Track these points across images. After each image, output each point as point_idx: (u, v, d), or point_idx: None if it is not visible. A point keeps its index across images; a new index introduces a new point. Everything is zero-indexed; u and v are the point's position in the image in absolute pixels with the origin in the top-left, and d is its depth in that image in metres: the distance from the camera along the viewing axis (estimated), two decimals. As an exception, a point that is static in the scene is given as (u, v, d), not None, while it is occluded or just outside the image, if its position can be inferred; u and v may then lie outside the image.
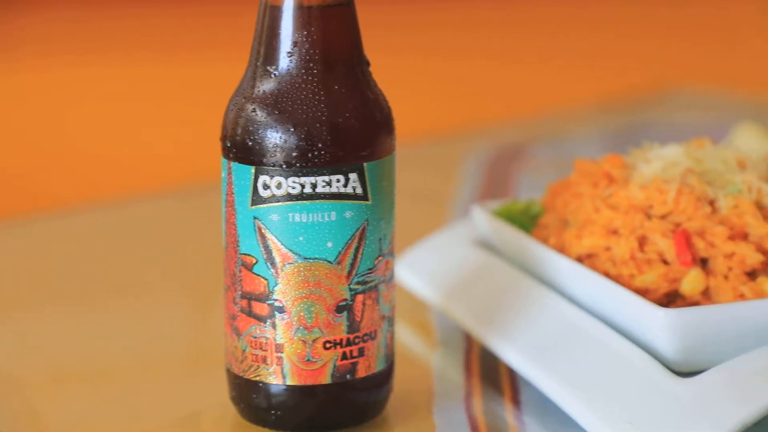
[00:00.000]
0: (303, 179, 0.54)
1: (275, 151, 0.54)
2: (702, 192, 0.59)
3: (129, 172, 1.31)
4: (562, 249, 0.62)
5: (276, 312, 0.55)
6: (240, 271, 0.55)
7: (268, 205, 0.54)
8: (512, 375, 0.62)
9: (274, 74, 0.54)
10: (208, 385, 0.61)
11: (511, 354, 0.60)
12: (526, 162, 1.02)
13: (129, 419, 0.59)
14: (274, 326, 0.55)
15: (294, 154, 0.54)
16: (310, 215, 0.54)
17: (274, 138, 0.54)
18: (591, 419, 0.54)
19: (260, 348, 0.55)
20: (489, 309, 0.63)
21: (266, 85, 0.54)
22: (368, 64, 0.56)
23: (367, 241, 0.55)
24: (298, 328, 0.55)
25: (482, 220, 0.68)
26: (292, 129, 0.54)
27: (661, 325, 0.56)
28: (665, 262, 0.59)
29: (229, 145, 0.55)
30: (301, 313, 0.55)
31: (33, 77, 1.74)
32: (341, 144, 0.54)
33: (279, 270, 0.54)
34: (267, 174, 0.54)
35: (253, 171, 0.54)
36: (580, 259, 0.61)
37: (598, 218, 0.61)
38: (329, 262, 0.54)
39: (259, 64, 0.55)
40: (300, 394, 0.55)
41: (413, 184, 0.93)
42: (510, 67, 1.75)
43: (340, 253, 0.54)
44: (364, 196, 0.55)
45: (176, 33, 1.99)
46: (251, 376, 0.56)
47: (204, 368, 0.64)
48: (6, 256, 0.84)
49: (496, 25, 2.05)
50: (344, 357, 0.55)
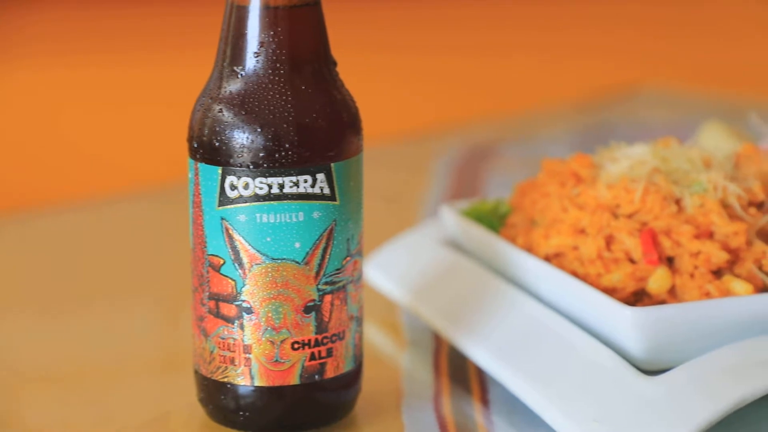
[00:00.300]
0: (270, 180, 0.54)
1: (242, 151, 0.54)
2: (668, 191, 0.59)
3: (94, 174, 1.31)
4: (529, 248, 0.62)
5: (244, 313, 0.55)
6: (207, 272, 0.55)
7: (235, 205, 0.54)
8: (481, 374, 0.62)
9: (241, 75, 0.54)
10: (177, 386, 0.61)
11: (479, 353, 0.60)
12: (496, 161, 1.02)
13: (97, 421, 0.59)
14: (242, 327, 0.55)
15: (261, 154, 0.53)
16: (278, 216, 0.54)
17: (241, 138, 0.54)
18: (558, 417, 0.54)
19: (228, 349, 0.55)
20: (457, 309, 0.64)
21: (233, 86, 0.54)
22: (335, 64, 0.56)
23: (335, 242, 0.55)
24: (266, 329, 0.55)
25: (451, 219, 0.69)
26: (258, 129, 0.53)
27: (628, 324, 0.56)
28: (632, 261, 0.59)
29: (195, 145, 0.55)
30: (269, 314, 0.54)
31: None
32: (308, 144, 0.54)
33: (247, 271, 0.54)
34: (234, 174, 0.54)
35: (220, 172, 0.54)
36: (547, 259, 0.61)
37: (566, 217, 0.61)
38: (297, 262, 0.54)
39: (225, 64, 0.55)
40: (268, 395, 0.55)
41: (383, 184, 0.93)
42: (479, 67, 1.76)
43: (307, 253, 0.54)
44: (331, 197, 0.55)
45: (140, 34, 1.98)
46: (219, 377, 0.56)
47: (172, 370, 0.64)
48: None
49: (466, 24, 2.06)
50: (312, 357, 0.55)
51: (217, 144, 0.54)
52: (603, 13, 2.08)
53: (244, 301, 0.55)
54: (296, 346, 0.55)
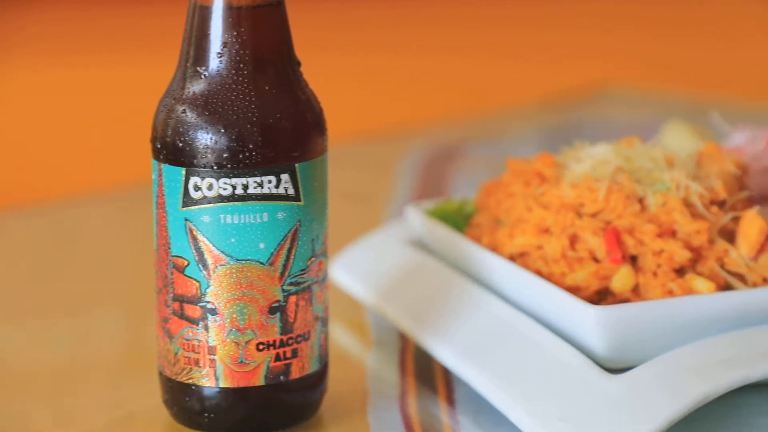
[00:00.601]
0: (234, 180, 0.53)
1: (206, 152, 0.53)
2: (631, 190, 0.60)
3: (57, 176, 1.30)
4: (494, 248, 0.62)
5: (208, 314, 0.54)
6: (171, 274, 0.55)
7: (199, 206, 0.54)
8: (446, 374, 0.62)
9: (204, 75, 0.54)
10: (141, 388, 0.60)
11: (445, 353, 0.60)
12: (462, 161, 1.02)
13: (61, 422, 0.59)
14: (206, 328, 0.55)
15: (225, 155, 0.53)
16: (242, 216, 0.54)
17: (205, 139, 0.53)
18: (523, 417, 0.55)
19: (193, 350, 0.55)
20: (423, 308, 0.64)
21: (196, 86, 0.54)
22: (299, 64, 0.56)
23: (300, 242, 0.55)
24: (231, 330, 0.54)
25: (416, 219, 0.69)
26: (222, 130, 0.53)
27: (592, 323, 0.56)
28: (596, 260, 0.59)
29: (159, 146, 0.55)
30: (234, 315, 0.54)
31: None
32: (272, 145, 0.54)
33: (211, 272, 0.54)
34: (198, 175, 0.54)
35: (183, 172, 0.54)
36: (512, 258, 0.62)
37: (530, 217, 0.61)
38: (261, 263, 0.54)
39: (188, 65, 0.54)
40: (233, 396, 0.55)
41: (349, 185, 0.93)
42: (445, 66, 1.76)
43: (272, 254, 0.54)
44: (296, 197, 0.55)
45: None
46: (184, 378, 0.55)
47: (136, 371, 0.63)
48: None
49: (432, 24, 2.06)
50: (278, 358, 0.55)
51: (180, 145, 0.54)
52: (569, 11, 2.09)
53: (208, 302, 0.54)
54: (261, 347, 0.55)
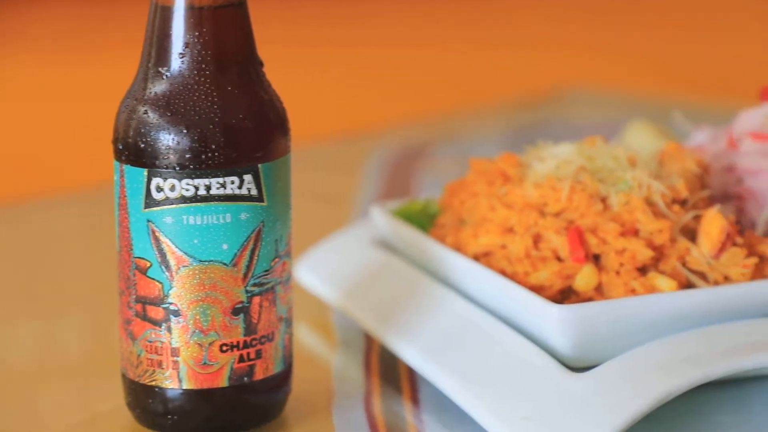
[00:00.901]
0: (197, 181, 0.53)
1: (168, 153, 0.53)
2: (594, 189, 0.60)
3: (18, 177, 1.28)
4: (458, 248, 0.63)
5: (171, 316, 0.54)
6: (134, 275, 0.55)
7: (161, 207, 0.54)
8: (411, 374, 0.62)
9: (166, 76, 0.54)
10: (103, 390, 0.60)
11: (409, 353, 0.60)
12: (428, 161, 1.02)
13: (23, 425, 0.58)
14: (169, 330, 0.54)
15: (187, 155, 0.53)
16: (205, 217, 0.54)
17: (167, 140, 0.53)
18: (487, 416, 0.55)
19: (156, 352, 0.55)
20: (388, 308, 0.64)
21: (158, 87, 0.54)
22: (262, 64, 0.56)
23: (263, 243, 0.55)
24: (194, 332, 0.54)
25: (381, 220, 0.69)
26: (184, 131, 0.53)
27: (555, 322, 0.56)
28: (559, 259, 0.60)
29: (121, 147, 0.55)
30: (197, 317, 0.54)
31: None
32: (235, 145, 0.53)
33: (174, 273, 0.54)
34: (160, 176, 0.53)
35: (145, 173, 0.54)
36: (476, 258, 0.62)
37: (494, 217, 0.61)
38: (225, 264, 0.54)
39: (150, 65, 0.54)
40: (197, 397, 0.55)
41: (313, 185, 0.93)
42: (410, 65, 1.76)
43: (235, 255, 0.54)
44: (259, 198, 0.54)
45: (64, 33, 1.96)
46: (147, 380, 0.55)
47: (99, 374, 0.63)
48: None
49: (397, 20, 2.06)
50: (241, 359, 0.55)
51: (142, 146, 0.54)
52: (534, 8, 2.10)
53: (171, 303, 0.54)
54: (225, 348, 0.55)
